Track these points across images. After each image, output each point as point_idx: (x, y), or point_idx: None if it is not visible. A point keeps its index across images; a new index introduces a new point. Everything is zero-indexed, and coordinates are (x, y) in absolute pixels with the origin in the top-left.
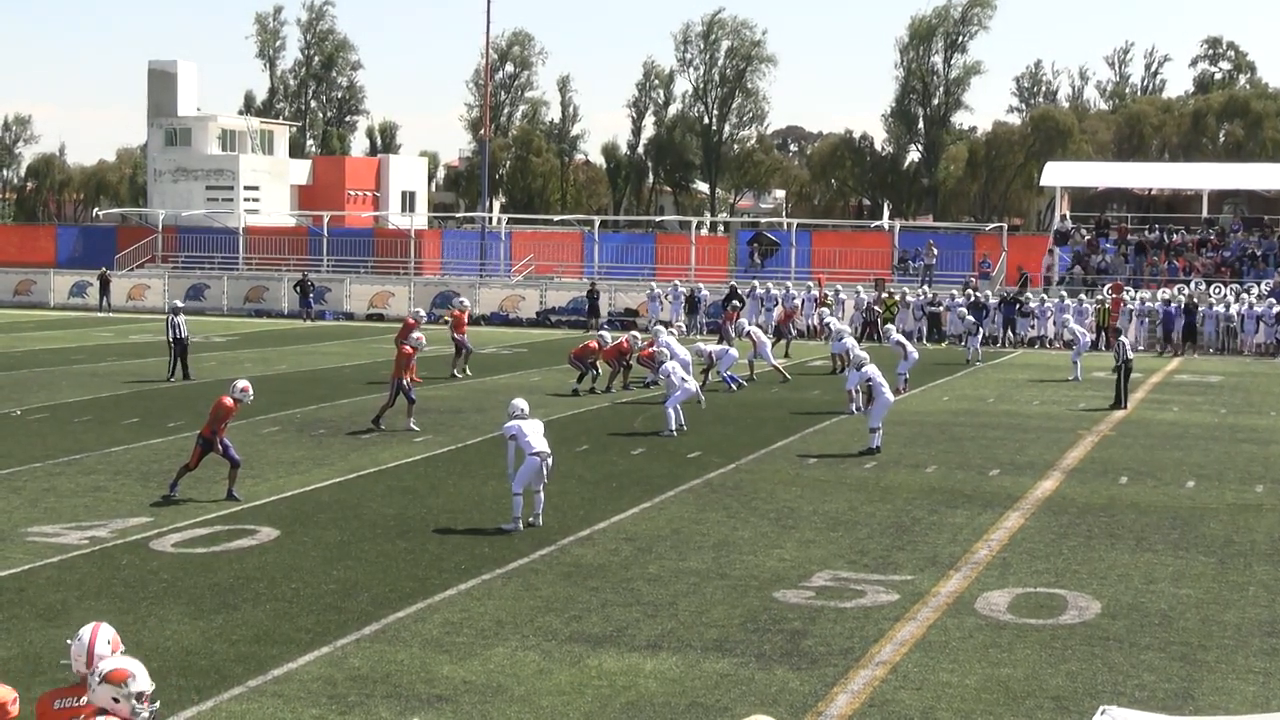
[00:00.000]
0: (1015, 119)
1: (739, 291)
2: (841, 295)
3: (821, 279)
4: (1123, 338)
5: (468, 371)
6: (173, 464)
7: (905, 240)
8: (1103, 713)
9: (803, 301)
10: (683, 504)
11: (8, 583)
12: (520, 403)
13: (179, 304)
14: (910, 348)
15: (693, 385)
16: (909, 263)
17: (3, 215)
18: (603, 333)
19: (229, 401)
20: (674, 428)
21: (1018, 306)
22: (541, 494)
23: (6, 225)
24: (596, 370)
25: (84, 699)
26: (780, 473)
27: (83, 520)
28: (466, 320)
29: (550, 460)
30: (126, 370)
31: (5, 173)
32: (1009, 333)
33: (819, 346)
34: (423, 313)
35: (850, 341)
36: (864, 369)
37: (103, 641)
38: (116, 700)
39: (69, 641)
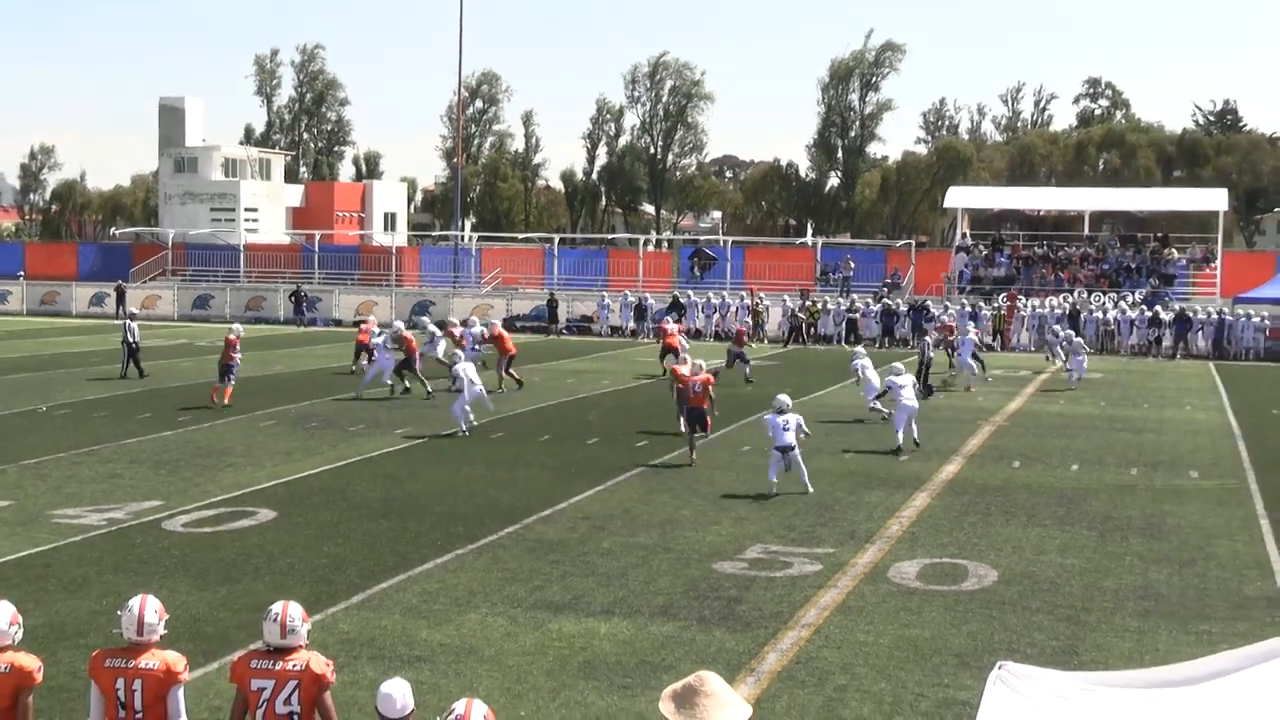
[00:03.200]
0: (922, 149)
1: (679, 300)
2: (767, 303)
3: (753, 289)
4: (927, 338)
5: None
6: (182, 453)
7: (826, 255)
8: (1000, 667)
9: (736, 308)
10: (632, 487)
11: (35, 559)
12: (783, 398)
13: (135, 311)
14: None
15: (479, 388)
16: (830, 275)
17: (30, 234)
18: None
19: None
20: (465, 428)
21: (925, 314)
22: (803, 469)
23: (34, 243)
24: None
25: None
26: (719, 458)
27: (101, 504)
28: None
29: (795, 453)
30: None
31: (32, 196)
32: (917, 336)
33: (756, 350)
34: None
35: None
36: (889, 379)
37: (151, 611)
38: None
39: (119, 612)
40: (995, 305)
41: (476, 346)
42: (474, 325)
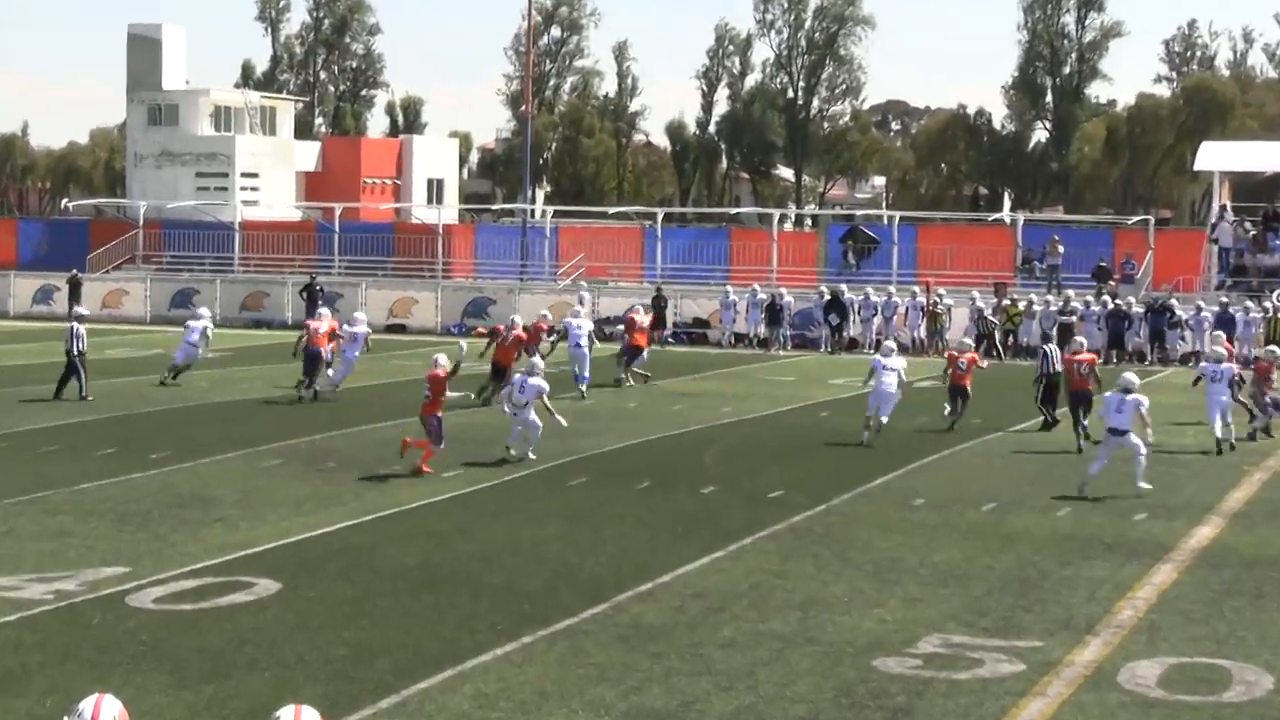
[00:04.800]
0: (1164, 90)
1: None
2: (949, 302)
3: (929, 283)
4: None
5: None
6: (156, 503)
7: (1031, 236)
8: None
9: (907, 310)
10: (762, 553)
11: None
12: (891, 344)
13: (84, 311)
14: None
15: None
16: (1035, 263)
17: None
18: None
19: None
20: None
21: (1168, 317)
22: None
23: None
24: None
25: None
26: (881, 516)
27: (47, 570)
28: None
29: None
30: (100, 391)
31: None
32: (1157, 348)
33: (931, 364)
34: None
35: None
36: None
37: (109, 716)
38: None
39: (66, 718)
40: (1267, 305)
41: (355, 354)
42: (358, 324)
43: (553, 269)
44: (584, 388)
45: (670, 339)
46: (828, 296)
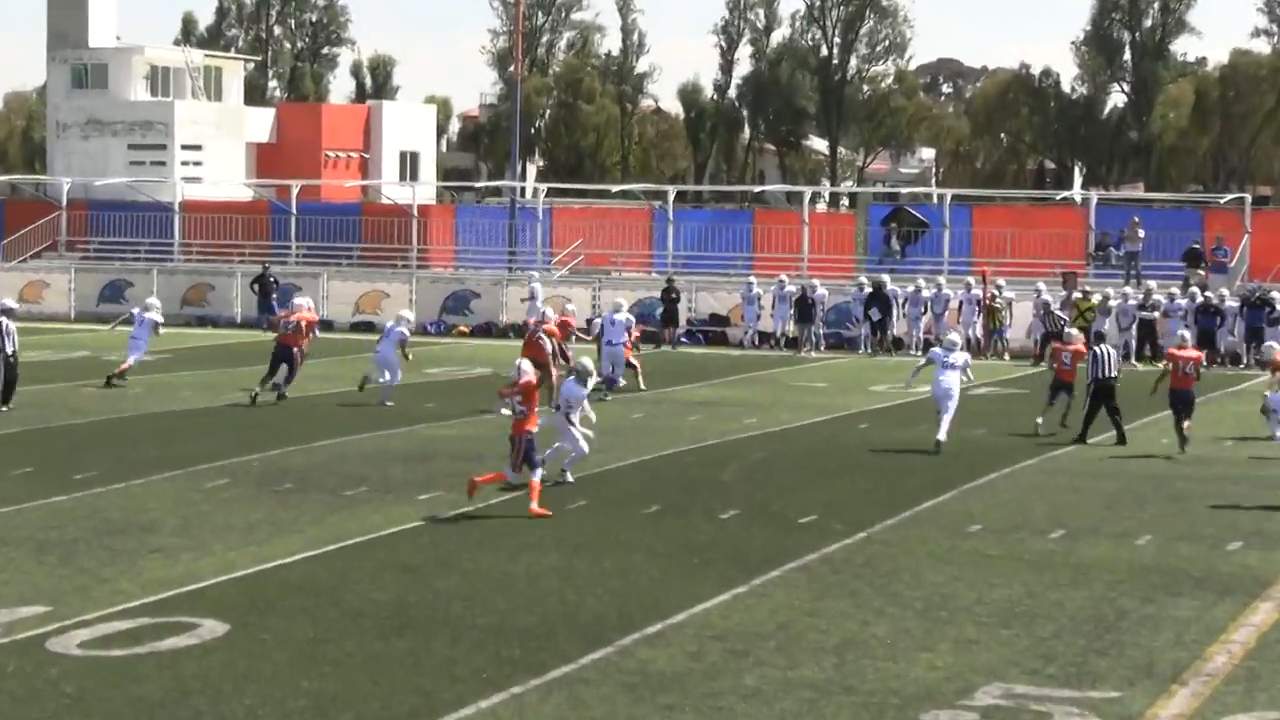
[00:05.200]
0: (1262, 46)
1: (883, 289)
2: (1009, 295)
3: (986, 272)
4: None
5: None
6: (82, 531)
7: (1105, 218)
8: None
9: (960, 304)
10: (792, 588)
11: None
12: (955, 336)
13: (10, 305)
14: None
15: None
16: (1110, 250)
17: None
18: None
19: None
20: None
21: (1267, 312)
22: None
23: None
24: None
25: None
26: (931, 544)
27: None
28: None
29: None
30: (17, 399)
31: None
32: (1254, 348)
33: (988, 367)
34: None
35: None
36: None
37: None
38: None
39: None
40: None
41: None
42: (151, 309)
43: (546, 257)
44: (613, 394)
45: (684, 339)
46: (868, 289)
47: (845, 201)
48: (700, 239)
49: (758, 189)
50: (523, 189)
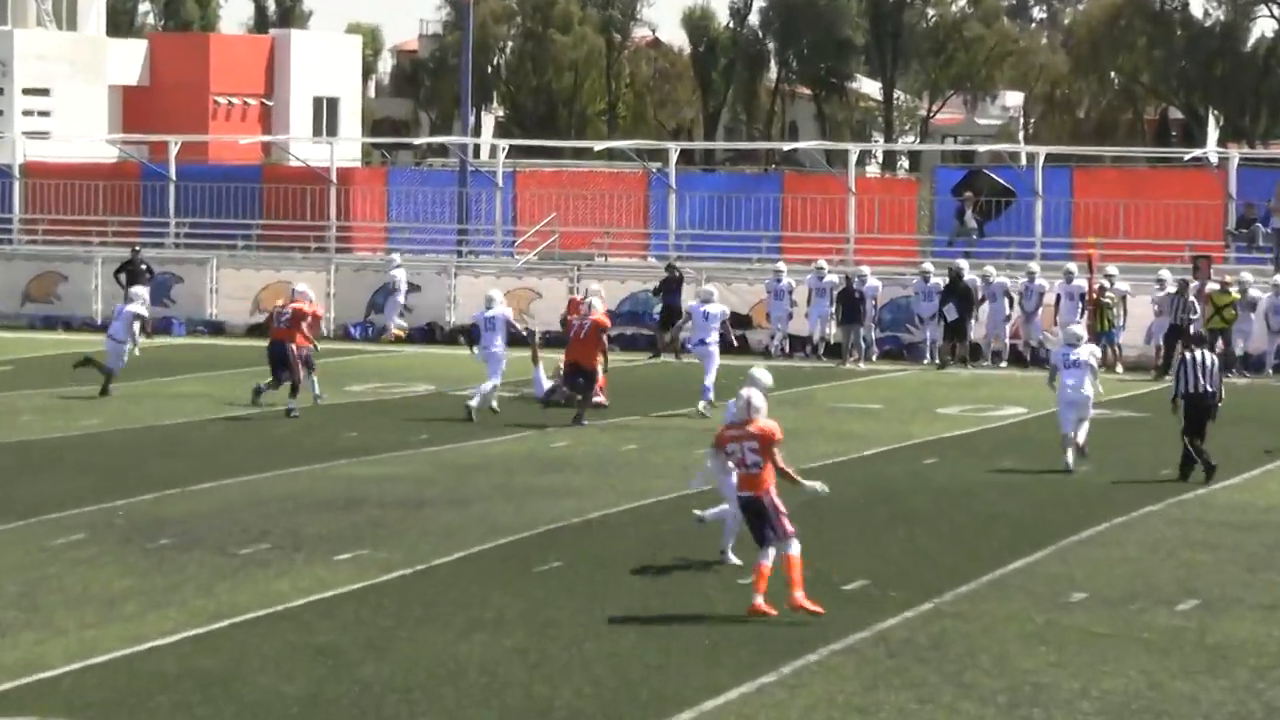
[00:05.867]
0: None
1: (961, 278)
2: (1123, 287)
3: (1093, 255)
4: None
5: None
6: None
7: (1250, 184)
8: None
9: (1058, 298)
10: (836, 677)
11: None
12: (1077, 329)
13: None
14: None
15: None
16: (1256, 227)
17: None
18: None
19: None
20: None
21: None
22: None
23: None
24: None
25: None
26: (1019, 619)
27: None
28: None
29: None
30: None
31: None
32: None
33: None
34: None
35: None
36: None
37: None
38: None
39: None
40: None
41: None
42: (137, 300)
43: (507, 237)
44: (708, 400)
45: (686, 345)
46: (931, 278)
47: (904, 163)
48: (712, 213)
49: (788, 146)
50: (476, 147)
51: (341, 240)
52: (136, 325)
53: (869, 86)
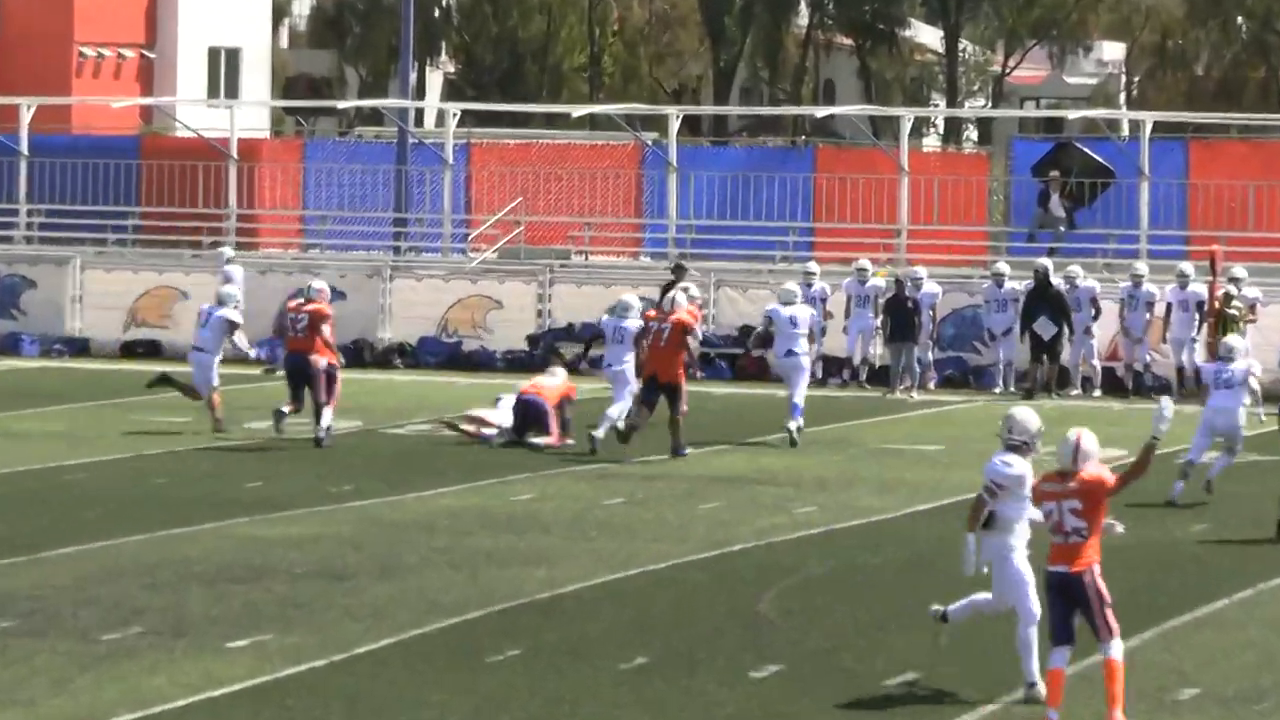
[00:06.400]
0: None
1: (1049, 283)
2: (1251, 294)
3: (1216, 254)
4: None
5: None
6: None
7: None
8: None
9: (1170, 307)
10: None
11: None
12: (1234, 339)
13: None
14: None
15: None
16: None
17: None
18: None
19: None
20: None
21: None
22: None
23: None
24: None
25: None
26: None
27: None
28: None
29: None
30: None
31: None
32: None
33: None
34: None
35: None
36: None
37: None
38: None
39: None
40: None
41: None
42: (230, 303)
43: (460, 230)
44: (798, 423)
45: (700, 367)
46: (1007, 283)
47: (972, 134)
48: (724, 199)
49: (822, 112)
50: (420, 112)
51: (244, 233)
52: (240, 337)
53: (927, 35)
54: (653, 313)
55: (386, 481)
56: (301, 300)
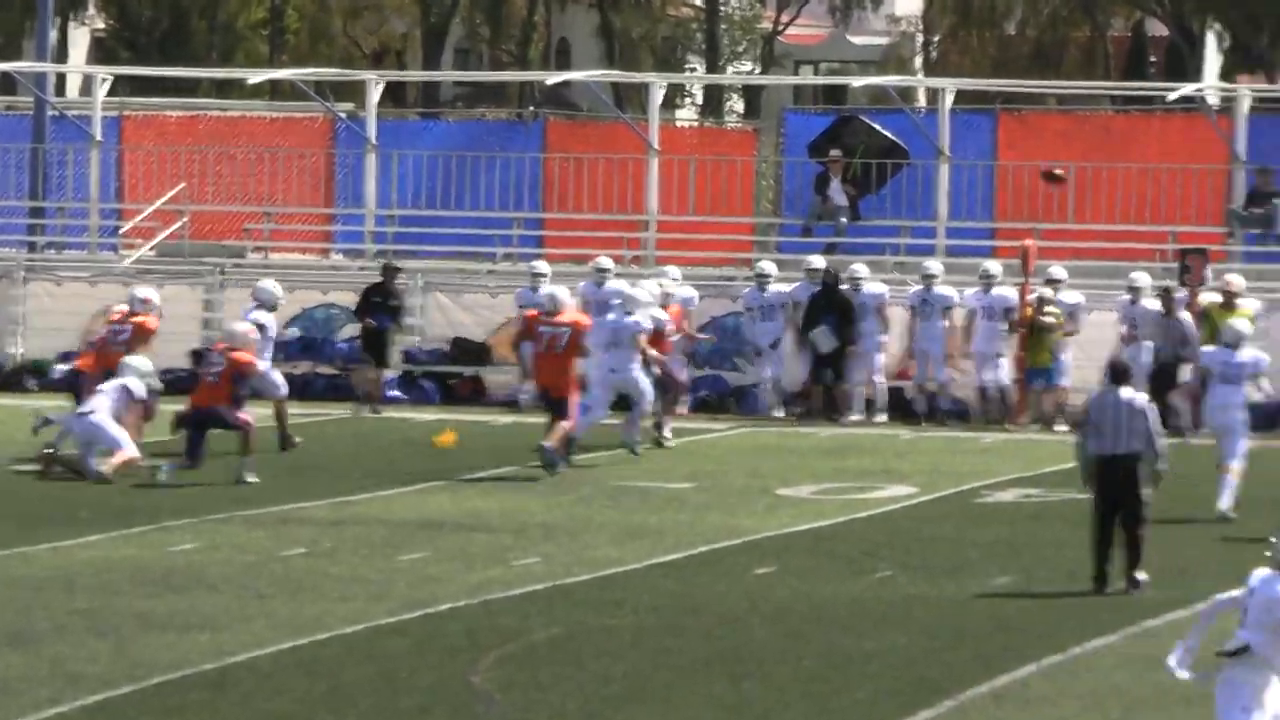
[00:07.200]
0: None
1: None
2: (1072, 297)
3: (1030, 249)
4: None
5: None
6: None
7: (1266, 137)
8: None
9: (974, 315)
10: None
11: None
12: (1238, 324)
13: None
14: None
15: None
16: (1275, 205)
17: None
18: None
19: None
20: None
21: None
22: None
23: None
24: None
25: None
26: None
27: None
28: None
29: None
30: None
31: None
32: None
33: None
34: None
35: None
36: None
37: None
38: None
39: None
40: None
41: None
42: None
43: (111, 221)
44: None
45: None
46: (772, 286)
47: (737, 105)
48: (434, 183)
49: (554, 78)
50: (61, 78)
51: None
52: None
53: None
54: (533, 312)
55: (16, 529)
56: (225, 339)
